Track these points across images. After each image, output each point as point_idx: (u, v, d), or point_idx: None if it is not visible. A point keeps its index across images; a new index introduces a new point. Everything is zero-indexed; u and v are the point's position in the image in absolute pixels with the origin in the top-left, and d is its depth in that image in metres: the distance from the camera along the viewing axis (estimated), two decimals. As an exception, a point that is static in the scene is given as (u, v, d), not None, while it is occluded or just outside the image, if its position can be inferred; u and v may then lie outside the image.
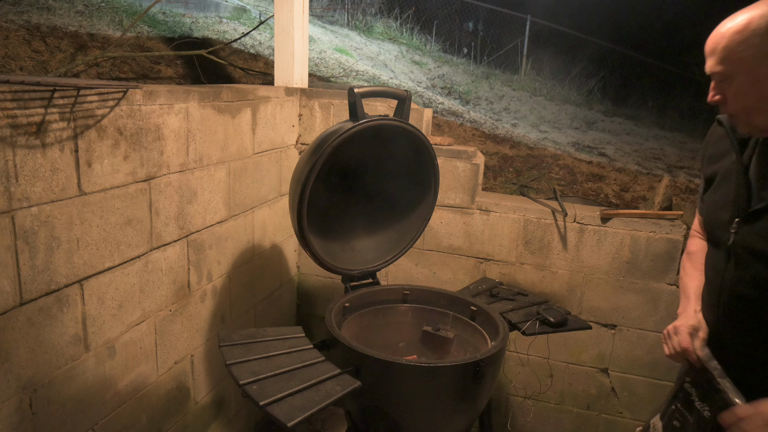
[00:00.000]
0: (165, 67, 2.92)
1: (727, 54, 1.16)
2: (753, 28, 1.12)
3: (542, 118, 6.15)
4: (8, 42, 2.23)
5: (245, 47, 4.05)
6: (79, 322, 1.50)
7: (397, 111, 1.97)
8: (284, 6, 2.61)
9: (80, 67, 2.36)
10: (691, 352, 1.37)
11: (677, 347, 1.39)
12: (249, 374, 1.42)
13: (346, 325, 1.90)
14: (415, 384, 1.59)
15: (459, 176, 2.58)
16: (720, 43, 1.17)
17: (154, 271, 1.77)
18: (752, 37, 1.12)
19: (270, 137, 2.42)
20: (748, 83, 1.15)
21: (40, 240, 1.34)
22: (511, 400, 2.71)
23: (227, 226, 2.17)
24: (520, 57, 9.11)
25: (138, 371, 1.76)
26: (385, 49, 7.13)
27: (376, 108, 2.57)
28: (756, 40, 1.12)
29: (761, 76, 1.14)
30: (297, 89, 2.67)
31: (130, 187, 1.63)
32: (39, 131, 1.31)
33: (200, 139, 1.93)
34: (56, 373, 1.44)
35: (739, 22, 1.15)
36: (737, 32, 1.14)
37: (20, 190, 1.28)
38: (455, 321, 2.02)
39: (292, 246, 2.79)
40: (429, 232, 2.65)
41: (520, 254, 2.57)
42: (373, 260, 2.14)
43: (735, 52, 1.15)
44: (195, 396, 2.10)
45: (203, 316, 2.08)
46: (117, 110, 1.54)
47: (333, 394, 1.39)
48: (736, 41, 1.14)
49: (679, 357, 1.41)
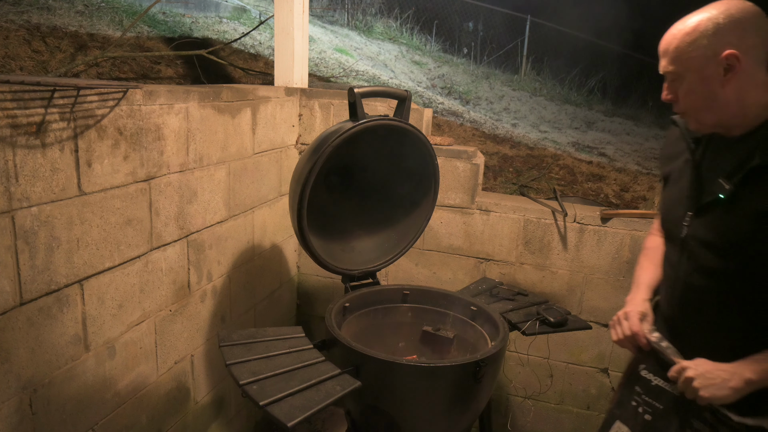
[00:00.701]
0: (165, 67, 2.92)
1: (678, 54, 1.22)
2: (701, 30, 1.18)
3: (542, 118, 6.15)
4: (8, 42, 2.23)
5: (245, 47, 4.05)
6: (79, 322, 1.50)
7: (397, 111, 1.97)
8: (284, 6, 2.61)
9: (80, 67, 2.36)
10: (641, 336, 1.39)
11: (627, 331, 1.42)
12: (249, 374, 1.42)
13: (346, 325, 1.90)
14: (415, 384, 1.59)
15: (459, 176, 2.58)
16: (671, 44, 1.23)
17: (154, 271, 1.78)
18: (700, 38, 1.18)
19: (270, 137, 2.42)
20: (697, 82, 1.21)
21: (40, 240, 1.34)
22: (511, 400, 2.71)
23: (227, 226, 2.17)
24: (520, 57, 9.12)
25: (138, 371, 1.76)
26: (385, 49, 7.13)
27: (376, 108, 2.57)
28: (704, 41, 1.17)
29: (708, 75, 1.19)
30: (297, 89, 2.67)
31: (130, 187, 1.63)
32: (39, 131, 1.31)
33: (200, 139, 1.93)
34: (56, 373, 1.44)
35: (689, 24, 1.20)
36: (687, 34, 1.20)
37: (20, 190, 1.28)
38: (455, 321, 2.02)
39: (292, 246, 2.79)
40: (429, 232, 2.65)
41: (520, 254, 2.57)
42: (373, 260, 2.14)
43: (685, 53, 1.20)
44: (195, 396, 2.10)
45: (203, 316, 2.08)
46: (117, 110, 1.54)
47: (333, 394, 1.39)
48: (686, 42, 1.20)
49: (627, 342, 1.43)
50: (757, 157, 1.18)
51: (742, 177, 1.20)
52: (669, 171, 1.48)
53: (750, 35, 1.16)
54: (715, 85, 1.20)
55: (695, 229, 1.32)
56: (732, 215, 1.23)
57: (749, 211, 1.20)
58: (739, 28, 1.16)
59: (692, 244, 1.33)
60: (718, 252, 1.27)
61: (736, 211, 1.22)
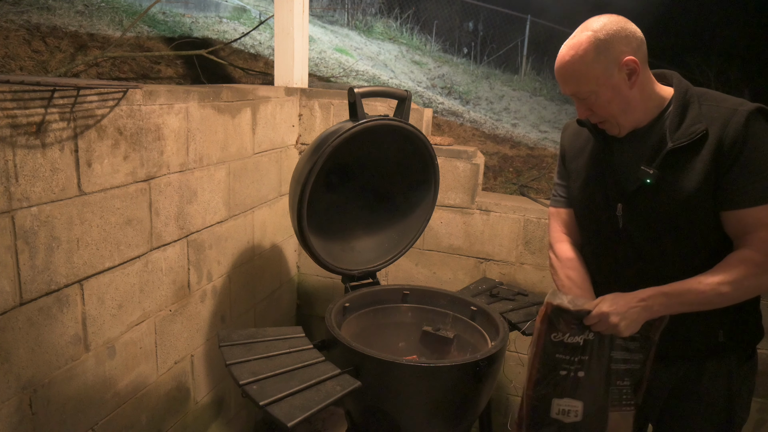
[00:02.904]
0: (165, 67, 2.92)
1: (582, 76, 1.31)
2: (594, 49, 1.28)
3: (542, 118, 6.16)
4: (8, 42, 2.23)
5: (245, 47, 4.05)
6: (79, 322, 1.50)
7: (397, 111, 1.97)
8: (284, 6, 2.61)
9: (80, 67, 2.36)
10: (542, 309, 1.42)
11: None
12: (249, 374, 1.42)
13: (346, 325, 1.90)
14: (415, 384, 1.59)
15: (459, 176, 2.58)
16: (571, 69, 1.32)
17: (154, 271, 1.77)
18: (596, 56, 1.28)
19: (270, 137, 2.42)
20: (609, 93, 1.32)
21: (40, 240, 1.34)
22: (511, 400, 2.71)
23: (227, 226, 2.17)
24: (520, 57, 9.12)
25: (138, 371, 1.76)
26: (385, 49, 7.13)
27: (376, 108, 2.57)
28: (601, 57, 1.28)
29: (616, 84, 1.31)
30: (297, 89, 2.67)
31: (130, 187, 1.63)
32: (39, 131, 1.31)
33: (200, 139, 1.93)
34: (56, 373, 1.44)
35: (580, 48, 1.30)
36: (581, 56, 1.30)
37: (20, 190, 1.28)
38: (455, 321, 2.02)
39: (292, 246, 2.79)
40: (429, 232, 2.65)
41: (520, 254, 2.57)
42: (373, 260, 2.14)
43: (588, 73, 1.30)
44: (195, 396, 2.10)
45: (203, 316, 2.08)
46: (117, 110, 1.54)
47: (333, 394, 1.39)
48: (585, 63, 1.29)
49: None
50: (670, 141, 1.33)
51: (661, 161, 1.34)
52: (577, 166, 1.56)
53: (631, 39, 1.30)
54: (625, 90, 1.32)
55: (629, 218, 1.42)
56: (662, 196, 1.36)
57: (675, 190, 1.33)
58: (621, 36, 1.29)
59: (630, 233, 1.43)
60: (656, 233, 1.39)
61: (664, 193, 1.35)
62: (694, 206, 1.33)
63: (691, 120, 1.32)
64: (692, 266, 1.34)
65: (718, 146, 1.28)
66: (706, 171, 1.30)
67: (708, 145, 1.30)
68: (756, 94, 6.89)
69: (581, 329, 1.36)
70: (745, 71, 7.84)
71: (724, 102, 1.33)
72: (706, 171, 1.30)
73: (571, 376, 1.39)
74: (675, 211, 1.35)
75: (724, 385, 1.44)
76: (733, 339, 1.42)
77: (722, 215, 1.32)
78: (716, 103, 1.34)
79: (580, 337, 1.37)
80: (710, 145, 1.29)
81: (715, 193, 1.31)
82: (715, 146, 1.28)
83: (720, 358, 1.44)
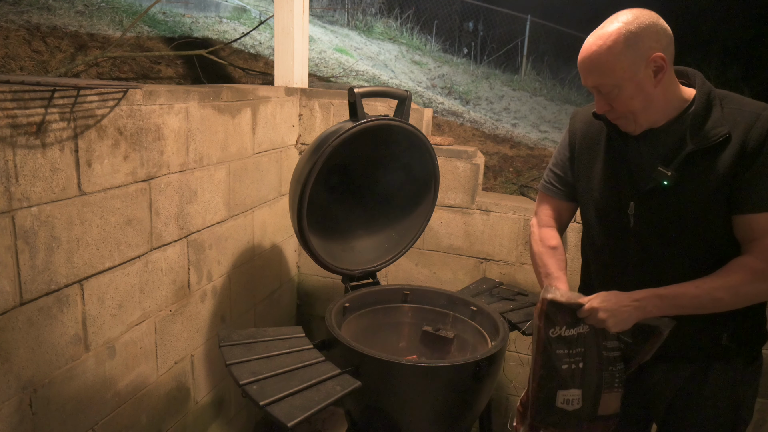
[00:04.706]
0: (165, 67, 2.92)
1: (608, 68, 1.27)
2: (623, 41, 1.24)
3: (542, 118, 6.15)
4: (8, 42, 2.23)
5: (245, 47, 4.05)
6: (79, 322, 1.50)
7: (397, 111, 1.97)
8: (284, 6, 2.61)
9: (80, 67, 2.36)
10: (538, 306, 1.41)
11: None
12: (249, 374, 1.42)
13: (346, 325, 1.90)
14: (415, 384, 1.59)
15: (459, 176, 2.58)
16: (597, 60, 1.28)
17: (154, 271, 1.78)
18: (625, 48, 1.24)
19: (270, 137, 2.42)
20: (633, 89, 1.28)
21: (40, 240, 1.34)
22: (511, 400, 2.71)
23: (227, 226, 2.17)
24: (520, 57, 9.11)
25: (138, 371, 1.76)
26: (385, 49, 7.13)
27: (376, 108, 2.57)
28: (630, 50, 1.24)
29: (641, 80, 1.27)
30: (297, 89, 2.67)
31: (130, 187, 1.63)
32: (39, 131, 1.31)
33: (200, 139, 1.93)
34: (56, 373, 1.44)
35: (608, 38, 1.25)
36: (610, 47, 1.25)
37: (20, 190, 1.28)
38: (455, 321, 2.02)
39: (292, 246, 2.79)
40: (429, 232, 2.65)
41: (520, 254, 2.57)
42: (373, 260, 2.14)
43: (614, 65, 1.26)
44: (195, 396, 2.10)
45: (203, 316, 2.08)
46: (117, 110, 1.54)
47: (333, 394, 1.39)
48: (612, 54, 1.25)
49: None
50: (691, 143, 1.30)
51: (679, 163, 1.31)
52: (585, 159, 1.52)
53: (661, 36, 1.26)
54: (649, 87, 1.28)
55: (640, 218, 1.39)
56: (677, 198, 1.33)
57: (692, 192, 1.31)
58: (652, 31, 1.25)
59: (640, 233, 1.40)
60: (668, 234, 1.37)
61: (680, 195, 1.33)
62: (710, 209, 1.31)
63: (713, 123, 1.29)
64: (700, 270, 1.31)
65: (740, 150, 1.26)
66: (725, 175, 1.28)
67: (729, 148, 1.27)
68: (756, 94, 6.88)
69: (575, 322, 1.38)
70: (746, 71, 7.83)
71: (747, 106, 1.31)
72: (725, 175, 1.28)
73: (572, 369, 1.41)
74: (689, 213, 1.33)
75: (729, 387, 1.44)
76: (737, 342, 1.41)
77: (733, 219, 1.31)
78: (739, 106, 1.31)
79: (575, 330, 1.39)
80: (732, 148, 1.27)
81: (730, 196, 1.29)
82: (737, 150, 1.26)
83: (726, 360, 1.43)
